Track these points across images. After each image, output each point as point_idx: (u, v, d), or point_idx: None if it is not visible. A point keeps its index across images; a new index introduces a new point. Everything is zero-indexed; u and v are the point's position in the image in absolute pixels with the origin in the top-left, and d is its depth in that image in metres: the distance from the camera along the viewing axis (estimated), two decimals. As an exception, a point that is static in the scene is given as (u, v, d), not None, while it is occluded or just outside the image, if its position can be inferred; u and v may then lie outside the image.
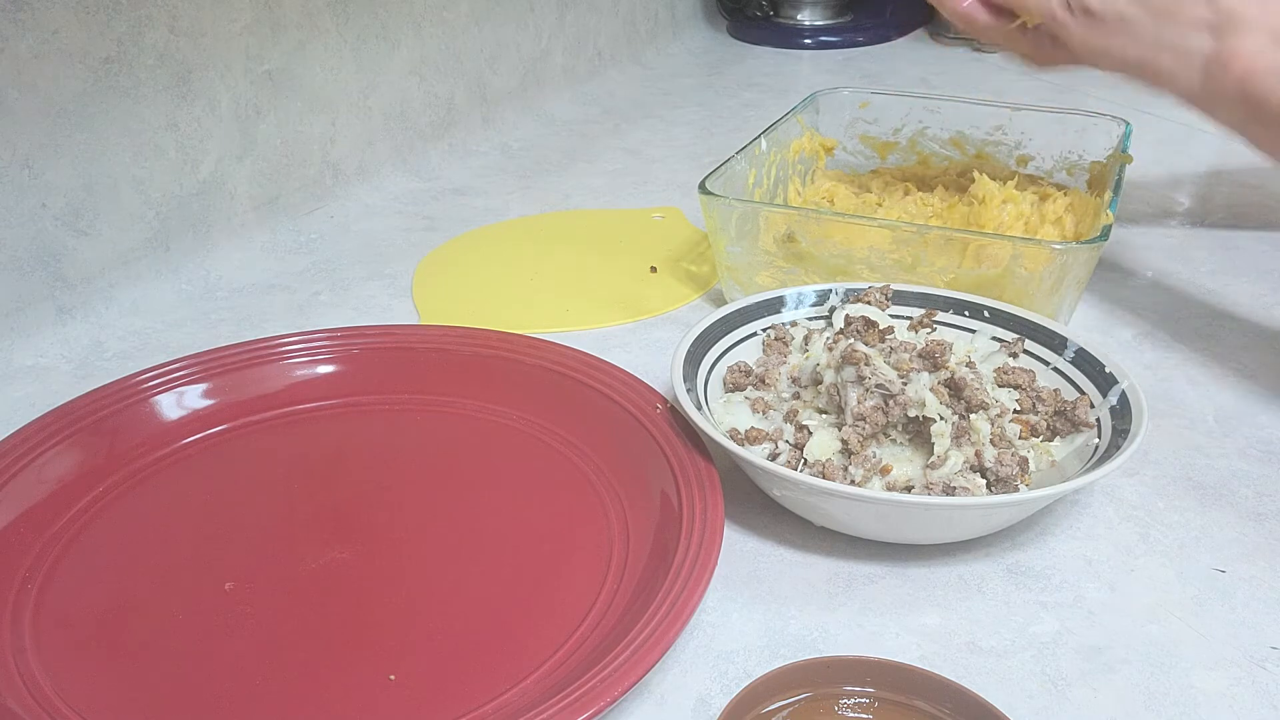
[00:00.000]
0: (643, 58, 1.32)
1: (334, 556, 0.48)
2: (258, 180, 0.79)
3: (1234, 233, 0.81)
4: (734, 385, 0.55)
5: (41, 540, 0.48)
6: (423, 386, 0.59)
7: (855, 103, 0.83)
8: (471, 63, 1.00)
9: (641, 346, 0.66)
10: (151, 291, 0.71)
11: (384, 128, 0.91)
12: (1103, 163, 0.75)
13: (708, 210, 0.65)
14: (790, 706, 0.38)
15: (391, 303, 0.72)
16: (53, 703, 0.40)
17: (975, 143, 0.81)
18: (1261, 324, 0.68)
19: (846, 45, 1.41)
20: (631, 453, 0.52)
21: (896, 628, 0.44)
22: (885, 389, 0.49)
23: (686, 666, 0.42)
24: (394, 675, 0.41)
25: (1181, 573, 0.47)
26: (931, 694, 0.38)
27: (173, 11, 0.70)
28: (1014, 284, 0.60)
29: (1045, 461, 0.51)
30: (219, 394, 0.57)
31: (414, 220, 0.85)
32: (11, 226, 0.63)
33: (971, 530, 0.48)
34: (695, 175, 0.71)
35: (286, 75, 0.80)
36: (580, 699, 0.37)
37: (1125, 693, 0.41)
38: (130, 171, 0.69)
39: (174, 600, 0.45)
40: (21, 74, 0.61)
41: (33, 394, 0.61)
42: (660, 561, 0.45)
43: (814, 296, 0.60)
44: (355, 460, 0.55)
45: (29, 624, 0.44)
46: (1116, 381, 0.52)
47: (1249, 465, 0.55)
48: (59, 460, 0.52)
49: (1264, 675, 0.42)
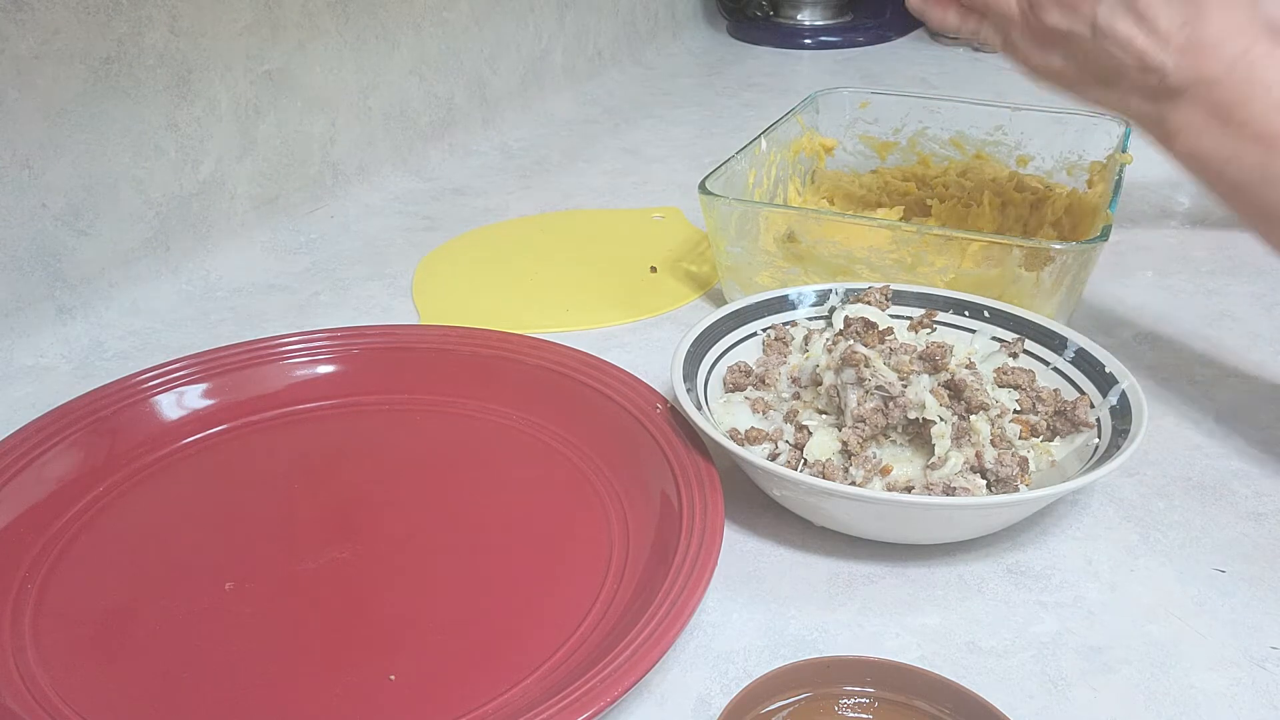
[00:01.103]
0: (643, 58, 1.32)
1: (334, 556, 0.48)
2: (258, 180, 0.79)
3: (1234, 233, 0.81)
4: (734, 385, 0.55)
5: (41, 540, 0.48)
6: (423, 386, 0.59)
7: (855, 103, 0.83)
8: (471, 63, 1.00)
9: (641, 346, 0.66)
10: (151, 291, 0.71)
11: (384, 128, 0.90)
12: (1103, 163, 0.75)
13: (708, 210, 0.65)
14: (790, 706, 0.38)
15: (391, 303, 0.72)
16: (53, 703, 0.40)
17: (975, 143, 0.81)
18: (1261, 324, 0.68)
19: (846, 45, 1.41)
20: (631, 453, 0.52)
21: (896, 628, 0.44)
22: (885, 391, 0.49)
23: (686, 666, 0.42)
24: (394, 675, 0.41)
25: (1181, 573, 0.47)
26: (931, 694, 0.38)
27: (173, 11, 0.70)
28: (1014, 284, 0.60)
29: (1045, 461, 0.51)
30: (219, 394, 0.57)
31: (414, 220, 0.85)
32: (11, 226, 0.63)
33: (971, 530, 0.48)
34: (695, 175, 0.71)
35: (286, 75, 0.80)
36: (580, 699, 0.37)
37: (1125, 693, 0.41)
38: (130, 171, 0.69)
39: (174, 600, 0.45)
40: (21, 74, 0.61)
41: (33, 394, 0.61)
42: (660, 561, 0.45)
43: (814, 296, 0.60)
44: (355, 460, 0.55)
45: (29, 624, 0.44)
46: (1116, 381, 0.52)
47: (1249, 465, 0.55)
48: (59, 460, 0.52)
49: (1264, 675, 0.42)
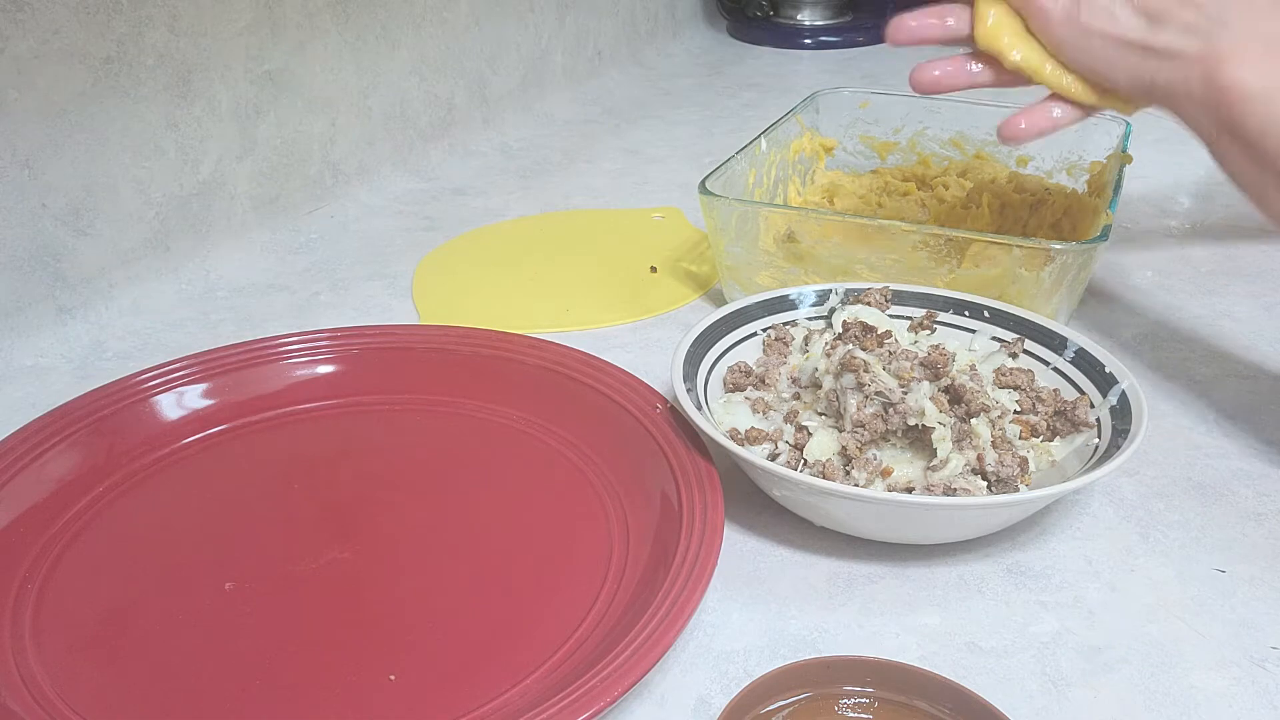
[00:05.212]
0: (643, 58, 1.32)
1: (334, 556, 0.48)
2: (258, 180, 0.79)
3: (1234, 233, 0.81)
4: (734, 385, 0.55)
5: (41, 540, 0.48)
6: (423, 386, 0.59)
7: (855, 103, 0.83)
8: (471, 63, 1.00)
9: (641, 346, 0.66)
10: (151, 291, 0.71)
11: (384, 128, 0.90)
12: (1103, 163, 0.75)
13: (708, 210, 0.65)
14: (790, 706, 0.38)
15: (391, 303, 0.72)
16: (53, 703, 0.40)
17: (975, 143, 0.81)
18: (1261, 324, 0.68)
19: (846, 45, 1.41)
20: (631, 453, 0.52)
21: (896, 628, 0.44)
22: (885, 397, 0.49)
23: (686, 666, 0.42)
24: (394, 675, 0.41)
25: (1181, 573, 0.47)
26: (931, 694, 0.38)
27: (173, 11, 0.70)
28: (1014, 284, 0.60)
29: (1045, 461, 0.51)
30: (219, 394, 0.57)
31: (414, 220, 0.85)
32: (11, 226, 0.63)
33: (971, 530, 0.48)
34: (695, 175, 0.71)
35: (286, 75, 0.80)
36: (580, 699, 0.37)
37: (1125, 693, 0.41)
38: (130, 171, 0.69)
39: (174, 600, 0.45)
40: (21, 74, 0.61)
41: (33, 394, 0.61)
42: (660, 561, 0.45)
43: (814, 296, 0.60)
44: (355, 460, 0.55)
45: (29, 624, 0.44)
46: (1116, 381, 0.51)
47: (1249, 465, 0.55)
48: (59, 460, 0.52)
49: (1264, 675, 0.42)
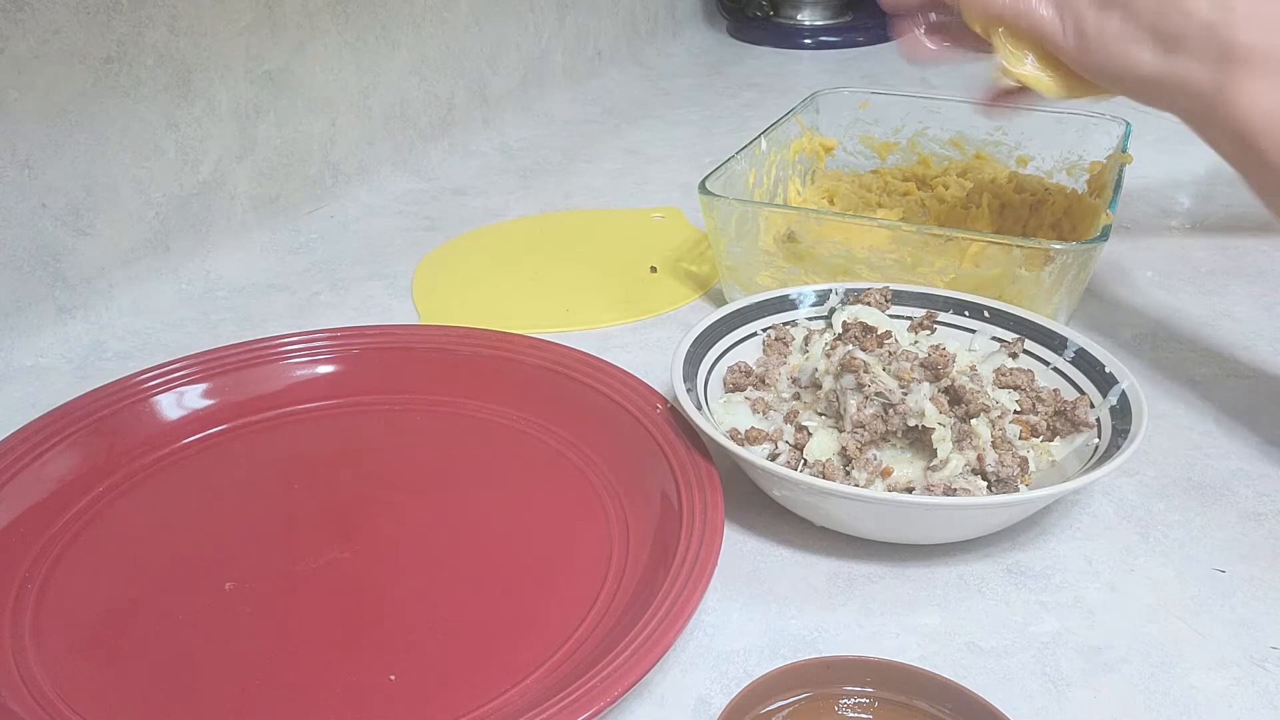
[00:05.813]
0: (643, 58, 1.32)
1: (334, 556, 0.48)
2: (258, 180, 0.79)
3: (1234, 233, 0.81)
4: (734, 385, 0.55)
5: (41, 540, 0.48)
6: (423, 386, 0.59)
7: (855, 103, 0.83)
8: (471, 63, 1.00)
9: (641, 346, 0.66)
10: (151, 291, 0.71)
11: (384, 128, 0.90)
12: (1103, 163, 0.75)
13: (708, 210, 0.65)
14: (790, 706, 0.38)
15: (391, 303, 0.72)
16: (53, 703, 0.40)
17: (975, 143, 0.81)
18: (1261, 324, 0.68)
19: (846, 45, 1.41)
20: (631, 453, 0.52)
21: (896, 628, 0.44)
22: (885, 398, 0.49)
23: (686, 666, 0.42)
24: (394, 675, 0.41)
25: (1181, 573, 0.47)
26: (931, 694, 0.38)
27: (173, 11, 0.70)
28: (1014, 284, 0.60)
29: (1045, 461, 0.51)
30: (219, 394, 0.57)
31: (414, 220, 0.85)
32: (11, 226, 0.63)
33: (971, 530, 0.48)
34: (695, 175, 0.71)
35: (286, 75, 0.80)
36: (580, 699, 0.37)
37: (1125, 693, 0.41)
38: (130, 171, 0.69)
39: (174, 600, 0.45)
40: (21, 74, 0.61)
41: (33, 394, 0.61)
42: (660, 561, 0.45)
43: (814, 296, 0.60)
44: (355, 460, 0.54)
45: (29, 624, 0.44)
46: (1116, 381, 0.51)
47: (1249, 465, 0.55)
48: (59, 460, 0.52)
49: (1264, 675, 0.42)
